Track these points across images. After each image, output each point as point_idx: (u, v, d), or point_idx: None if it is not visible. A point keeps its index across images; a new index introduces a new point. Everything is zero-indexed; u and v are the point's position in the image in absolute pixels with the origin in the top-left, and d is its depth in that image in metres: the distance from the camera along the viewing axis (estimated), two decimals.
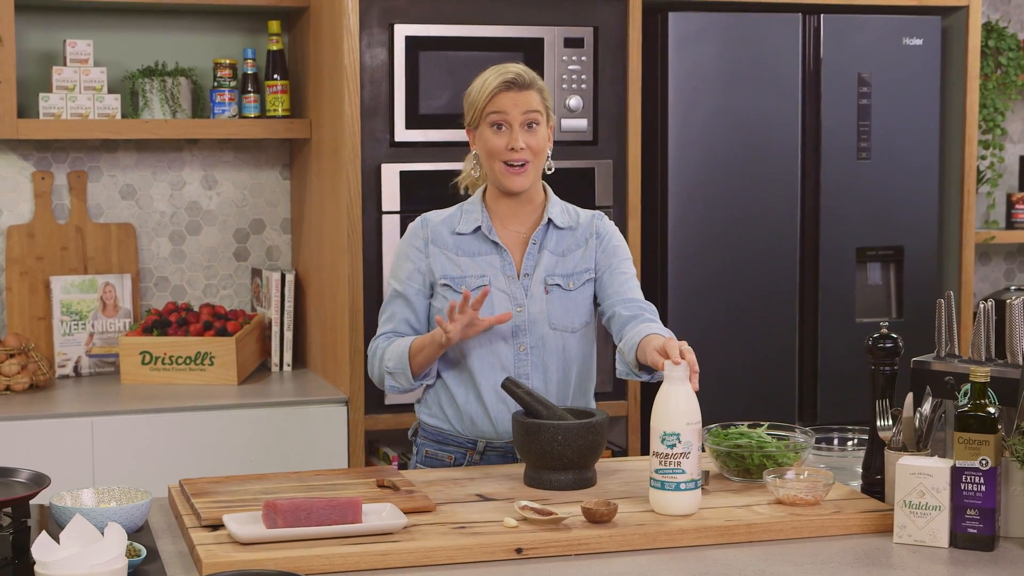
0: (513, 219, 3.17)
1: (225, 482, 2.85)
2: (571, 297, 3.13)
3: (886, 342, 2.76)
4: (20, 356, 4.22)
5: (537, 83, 3.11)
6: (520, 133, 3.06)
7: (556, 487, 2.83)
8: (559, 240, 3.16)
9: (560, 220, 3.17)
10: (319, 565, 2.40)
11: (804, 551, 2.52)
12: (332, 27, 4.15)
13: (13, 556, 2.43)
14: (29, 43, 4.43)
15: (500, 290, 3.11)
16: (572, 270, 3.14)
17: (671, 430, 2.62)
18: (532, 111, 3.07)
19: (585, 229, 3.19)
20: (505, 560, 2.47)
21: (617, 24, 4.29)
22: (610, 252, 3.18)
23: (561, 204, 3.21)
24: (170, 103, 4.42)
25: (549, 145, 3.15)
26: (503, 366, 3.11)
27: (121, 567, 2.19)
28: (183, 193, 4.67)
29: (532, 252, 3.14)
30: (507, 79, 3.08)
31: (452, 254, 3.14)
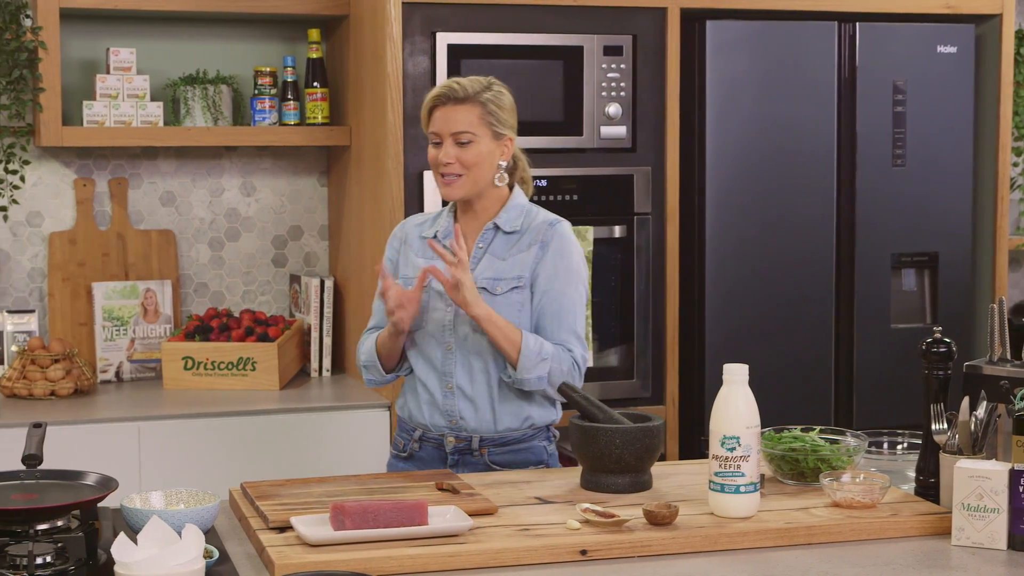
0: (468, 224, 3.24)
1: (287, 485, 2.88)
2: (496, 301, 3.15)
3: (940, 346, 2.79)
4: (64, 361, 4.25)
5: (480, 96, 3.15)
6: (450, 147, 3.13)
7: (613, 490, 2.86)
8: (504, 244, 3.21)
9: (508, 225, 3.20)
10: (388, 566, 2.43)
11: (864, 553, 2.55)
12: (374, 35, 4.19)
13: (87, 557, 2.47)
14: (73, 51, 4.47)
15: (436, 291, 3.18)
16: (505, 274, 3.18)
17: (731, 433, 2.65)
18: (460, 131, 3.12)
19: (532, 235, 3.20)
20: (570, 562, 2.51)
21: (656, 32, 4.33)
22: (550, 275, 3.18)
23: (521, 208, 3.24)
24: (211, 111, 4.46)
25: (504, 157, 3.19)
26: (432, 363, 3.21)
27: (199, 568, 2.23)
28: (222, 200, 4.71)
29: (476, 256, 3.21)
30: (439, 93, 3.16)
31: (415, 255, 3.26)
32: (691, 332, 4.45)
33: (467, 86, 3.16)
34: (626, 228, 4.33)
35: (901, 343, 4.54)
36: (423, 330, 3.20)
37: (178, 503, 2.64)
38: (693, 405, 4.45)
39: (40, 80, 4.22)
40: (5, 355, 4.47)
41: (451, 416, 3.20)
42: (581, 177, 4.29)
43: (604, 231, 4.29)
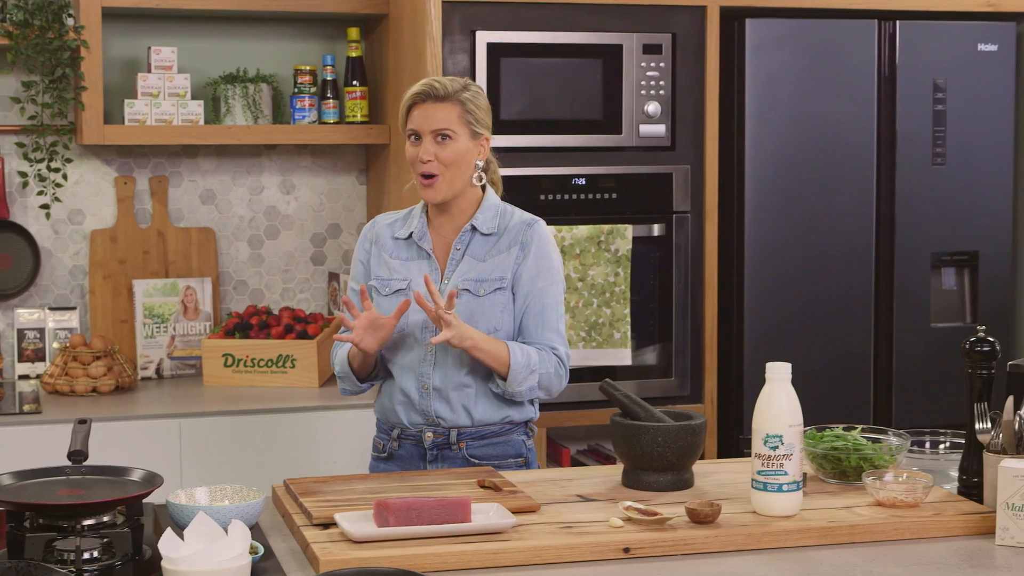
0: (444, 226, 3.24)
1: (330, 482, 2.90)
2: (479, 303, 3.16)
3: (983, 345, 2.78)
4: (106, 358, 4.28)
5: (459, 95, 3.15)
6: (429, 144, 3.13)
7: (655, 488, 2.87)
8: (482, 245, 3.20)
9: (486, 227, 3.20)
10: (432, 563, 2.44)
11: (908, 552, 2.54)
12: (413, 34, 4.20)
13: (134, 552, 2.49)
14: (114, 50, 4.50)
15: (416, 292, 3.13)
16: (486, 276, 3.17)
17: (774, 432, 2.65)
18: (440, 128, 3.12)
19: (511, 235, 3.21)
20: (613, 559, 2.51)
21: (695, 30, 4.33)
22: (532, 275, 3.19)
23: (496, 209, 3.24)
24: (252, 109, 4.48)
25: (480, 157, 3.20)
26: (410, 363, 3.20)
27: (245, 564, 2.24)
28: (261, 198, 4.73)
29: (455, 258, 3.20)
30: (419, 91, 3.15)
31: (388, 256, 3.25)
32: (730, 330, 4.44)
33: (447, 85, 3.15)
34: (665, 226, 4.33)
35: (941, 342, 4.53)
36: (403, 332, 3.19)
37: (223, 499, 2.66)
38: (732, 404, 4.45)
39: (82, 79, 4.24)
40: (47, 352, 4.50)
41: (427, 415, 3.20)
42: (620, 176, 4.29)
43: (643, 229, 4.29)
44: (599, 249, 4.20)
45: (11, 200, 4.49)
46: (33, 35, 4.21)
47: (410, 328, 3.18)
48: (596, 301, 4.21)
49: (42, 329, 4.51)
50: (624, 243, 4.22)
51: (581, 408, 4.32)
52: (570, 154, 4.27)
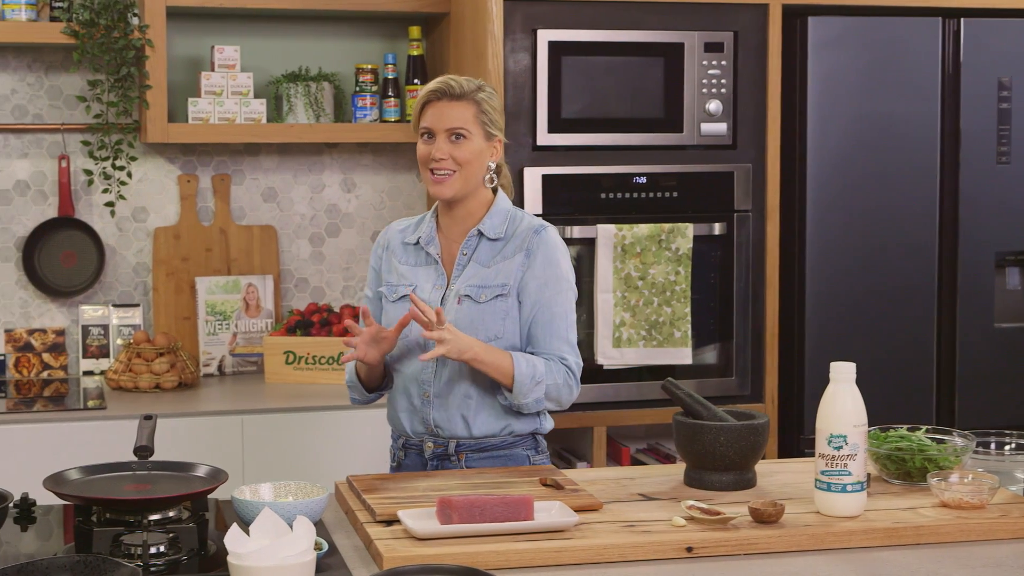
0: (452, 230, 3.20)
1: (392, 479, 2.91)
2: (480, 309, 3.11)
3: None
4: (169, 355, 4.32)
5: (475, 95, 3.11)
6: (443, 143, 3.09)
7: (717, 487, 2.86)
8: (488, 251, 3.15)
9: (493, 231, 3.15)
10: (494, 561, 2.44)
11: (974, 554, 2.53)
12: (475, 32, 4.21)
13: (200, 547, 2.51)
14: (178, 49, 4.53)
15: (422, 299, 3.10)
16: (489, 282, 3.12)
17: (838, 432, 2.64)
18: (455, 127, 3.08)
19: (517, 241, 3.15)
20: (676, 559, 2.51)
21: (757, 28, 4.31)
22: (540, 283, 3.12)
23: (505, 214, 3.18)
24: (313, 107, 4.51)
25: (494, 158, 3.15)
26: (413, 372, 3.15)
27: (310, 560, 2.25)
28: (323, 196, 4.76)
29: (461, 263, 3.16)
30: (435, 89, 3.12)
31: (398, 262, 3.21)
32: (791, 330, 4.43)
33: (463, 84, 3.12)
34: (726, 225, 4.31)
35: (1005, 342, 4.49)
36: (407, 339, 3.14)
37: (287, 495, 2.67)
38: (792, 403, 4.43)
39: (147, 78, 4.28)
40: (111, 349, 4.55)
41: (427, 424, 3.15)
42: (681, 174, 4.29)
43: (704, 228, 4.28)
44: (660, 248, 4.20)
45: (76, 198, 4.53)
46: (99, 34, 4.26)
47: (414, 336, 3.13)
48: (656, 300, 4.21)
49: (106, 326, 4.56)
50: (685, 242, 4.21)
51: (641, 407, 4.32)
52: (631, 153, 4.27)
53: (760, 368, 4.40)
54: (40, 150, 4.51)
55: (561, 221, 4.18)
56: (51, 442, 3.93)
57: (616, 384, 4.28)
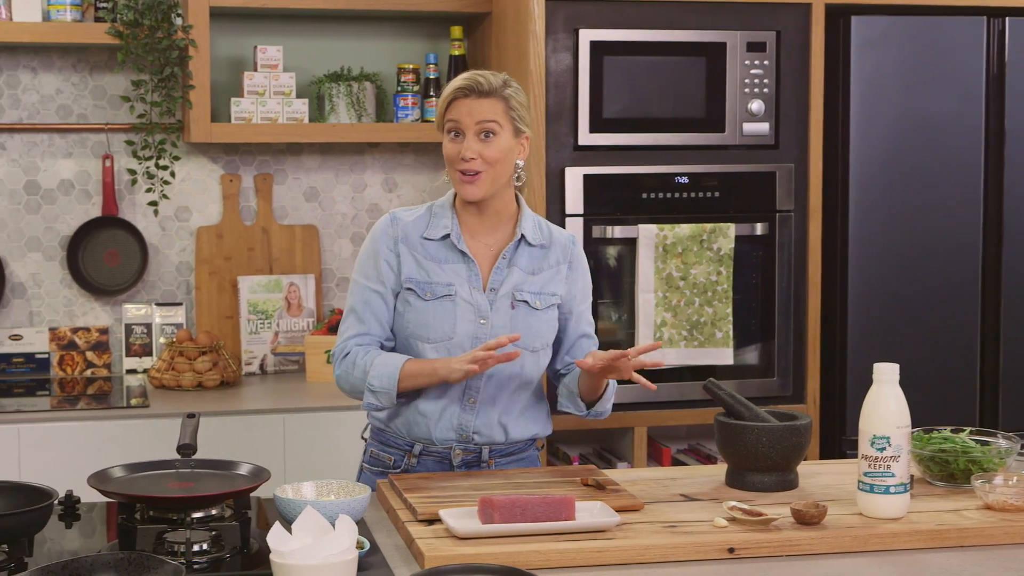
0: (482, 230, 3.09)
1: (433, 478, 2.92)
2: (537, 316, 3.06)
3: None
4: (211, 354, 4.34)
5: (503, 91, 3.02)
6: (472, 142, 2.98)
7: (759, 488, 2.85)
8: (530, 258, 3.09)
9: (532, 238, 3.09)
10: (536, 561, 2.44)
11: (1018, 557, 2.51)
12: (517, 32, 4.21)
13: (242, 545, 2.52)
14: (221, 49, 4.56)
15: (465, 300, 3.03)
16: (541, 289, 3.07)
17: (881, 433, 2.62)
18: (486, 121, 2.98)
19: (558, 252, 3.12)
20: (717, 559, 2.50)
21: (800, 28, 4.30)
22: (579, 294, 3.15)
23: (534, 219, 3.13)
24: (355, 107, 4.52)
25: (522, 156, 3.06)
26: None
27: (353, 558, 2.26)
28: (364, 196, 4.77)
29: (501, 267, 3.07)
30: (463, 85, 3.01)
31: (420, 257, 3.06)
32: (832, 330, 4.41)
33: (491, 79, 3.02)
34: (768, 225, 4.30)
35: None
36: (451, 341, 3.02)
37: (329, 494, 2.68)
38: (834, 404, 4.41)
39: (190, 77, 4.31)
40: (154, 347, 4.57)
41: (463, 431, 3.06)
42: (723, 174, 4.27)
43: (746, 228, 4.26)
44: (701, 248, 4.19)
45: (120, 197, 4.56)
46: (143, 35, 4.28)
47: (459, 338, 3.03)
48: (698, 300, 4.20)
49: (149, 324, 4.58)
50: (727, 242, 4.20)
51: (681, 407, 4.31)
52: (673, 153, 4.26)
53: (802, 369, 4.38)
54: (84, 150, 4.54)
55: (602, 221, 4.18)
56: (94, 440, 3.96)
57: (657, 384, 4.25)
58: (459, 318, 3.02)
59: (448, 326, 3.02)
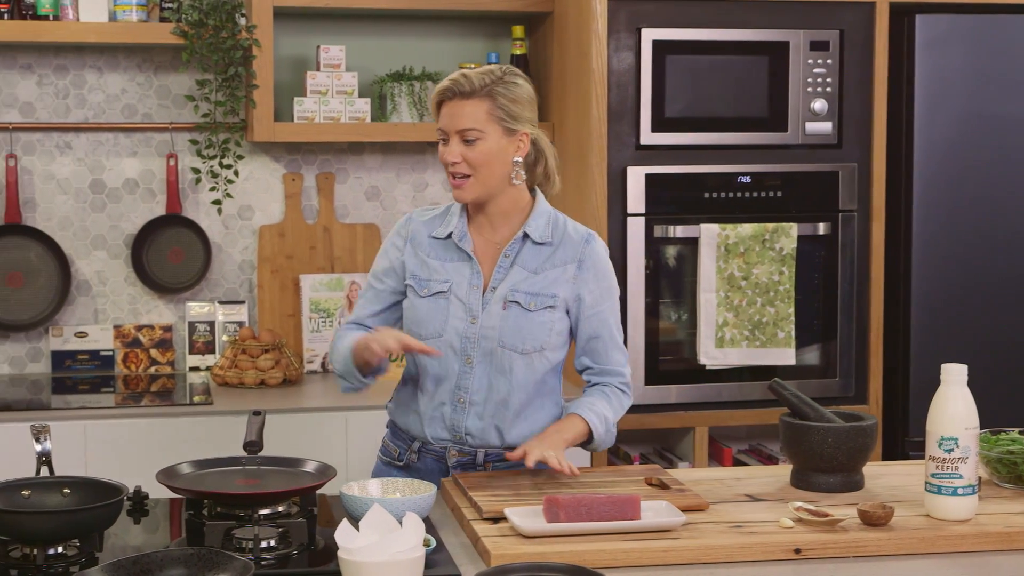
0: (489, 228, 3.04)
1: (497, 476, 2.92)
2: (529, 318, 2.98)
3: None
4: (274, 352, 4.37)
5: (489, 89, 2.93)
6: (456, 146, 2.93)
7: (824, 489, 2.84)
8: (535, 256, 3.01)
9: (539, 235, 3.00)
10: (601, 559, 2.45)
11: None
12: (579, 32, 4.21)
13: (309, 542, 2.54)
14: (284, 49, 4.58)
15: (458, 299, 3.00)
16: (539, 290, 2.99)
17: (949, 434, 2.61)
18: (465, 129, 2.91)
19: (568, 251, 3.02)
20: (784, 560, 2.50)
21: (863, 27, 4.28)
22: (598, 297, 3.03)
23: (548, 216, 3.04)
24: (417, 107, 4.53)
25: (520, 153, 2.97)
26: (446, 375, 3.02)
27: (420, 556, 2.27)
28: (425, 195, 4.78)
29: (503, 265, 3.01)
30: (445, 87, 2.95)
31: (425, 255, 3.05)
32: (895, 330, 4.38)
33: (474, 79, 2.92)
34: (830, 225, 4.28)
35: None
36: (440, 339, 3.00)
37: (395, 492, 2.69)
38: (897, 405, 4.39)
39: (254, 77, 4.33)
40: (216, 344, 4.60)
41: (456, 432, 3.03)
42: (785, 173, 4.26)
43: (808, 228, 4.25)
44: (763, 248, 4.17)
45: (183, 196, 4.60)
46: (207, 34, 4.31)
47: (448, 336, 3.00)
48: (760, 300, 4.18)
49: (212, 322, 4.62)
50: (789, 242, 4.18)
51: (742, 407, 4.30)
52: (735, 152, 4.25)
53: (864, 369, 4.36)
54: (149, 149, 4.58)
55: (664, 221, 4.18)
56: (158, 436, 3.99)
57: (718, 384, 4.26)
58: (451, 316, 3.00)
59: (439, 323, 3.01)
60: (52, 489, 2.59)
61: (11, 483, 2.58)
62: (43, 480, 2.62)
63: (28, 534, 2.40)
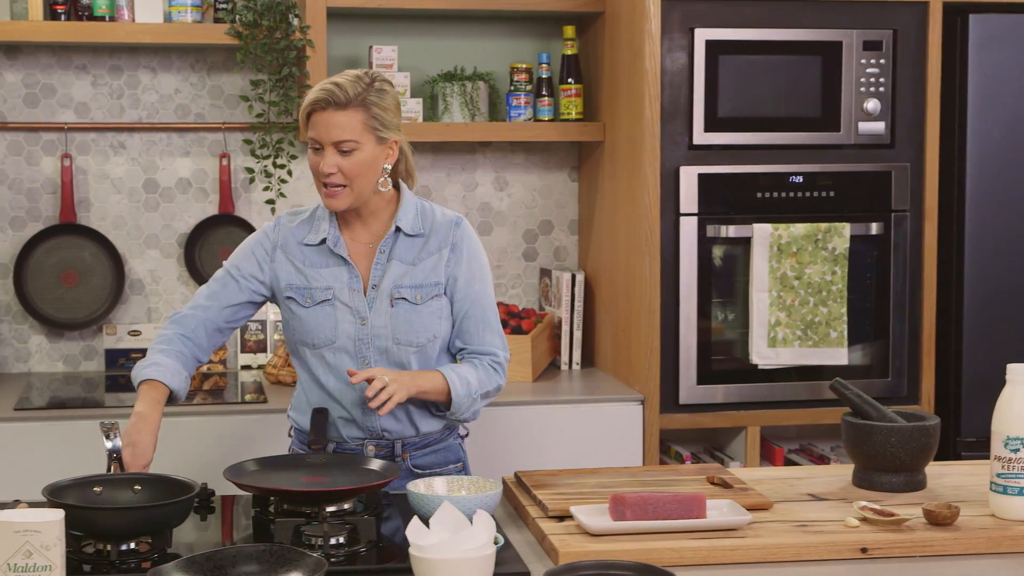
0: (360, 230, 3.08)
1: (559, 475, 2.94)
2: (418, 311, 3.03)
3: None
4: None
5: (363, 98, 2.94)
6: (332, 156, 2.94)
7: (887, 489, 2.85)
8: (409, 248, 3.05)
9: (410, 227, 3.05)
10: (669, 558, 2.45)
11: None
12: (631, 32, 4.22)
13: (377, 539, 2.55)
14: (336, 49, 4.60)
15: (344, 304, 3.02)
16: (421, 282, 3.04)
17: (1015, 434, 2.61)
18: (342, 140, 2.92)
19: (439, 237, 3.07)
20: (850, 559, 2.50)
21: (916, 26, 4.27)
22: (469, 278, 3.07)
23: (416, 207, 3.08)
24: (469, 107, 4.55)
25: (389, 160, 3.00)
26: (345, 388, 3.03)
27: (491, 553, 2.28)
28: (475, 195, 4.80)
29: (380, 262, 3.04)
30: (320, 98, 2.93)
31: (299, 263, 3.06)
32: (947, 331, 4.37)
33: (348, 89, 2.93)
34: (883, 225, 4.28)
35: None
36: (333, 346, 3.03)
37: (460, 489, 2.71)
38: (949, 405, 4.38)
39: (307, 77, 4.35)
40: (268, 343, 4.63)
41: (372, 430, 3.06)
42: (838, 173, 4.26)
43: (860, 228, 4.24)
44: (816, 248, 4.17)
45: (236, 195, 4.62)
46: (261, 35, 4.33)
47: (341, 341, 3.03)
48: (812, 300, 4.18)
49: (263, 321, 4.64)
50: (842, 241, 4.18)
51: (793, 407, 4.30)
52: (787, 152, 4.25)
53: (916, 369, 4.35)
54: (202, 148, 4.61)
55: (716, 220, 4.18)
56: (213, 434, 4.01)
57: (770, 384, 4.26)
58: (340, 321, 3.02)
59: (329, 330, 3.03)
60: (123, 486, 2.62)
61: (83, 480, 2.60)
62: (114, 477, 2.65)
63: (102, 530, 2.43)
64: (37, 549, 2.17)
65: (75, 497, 2.53)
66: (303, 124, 2.99)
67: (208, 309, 3.10)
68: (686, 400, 4.21)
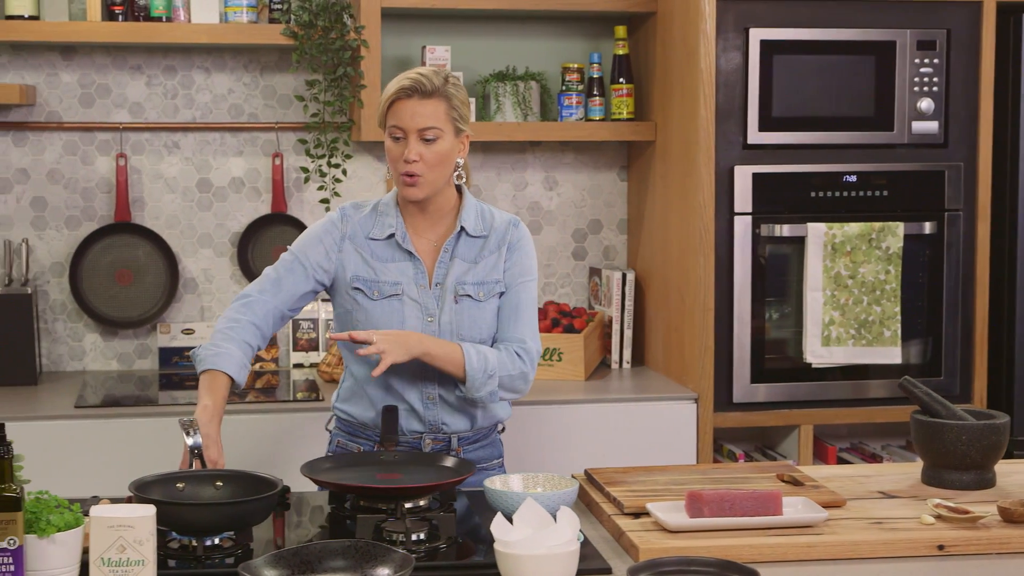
0: (425, 226, 3.11)
1: (630, 472, 2.96)
2: (480, 308, 3.08)
3: None
4: None
5: (444, 90, 3.00)
6: (415, 145, 2.98)
7: (957, 486, 2.86)
8: (470, 247, 3.11)
9: (473, 228, 3.10)
10: (746, 554, 2.47)
11: None
12: (685, 32, 4.23)
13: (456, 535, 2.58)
14: (390, 50, 4.63)
15: (412, 299, 3.06)
16: (483, 279, 3.09)
17: None
18: (427, 127, 2.97)
19: (499, 236, 3.13)
20: (927, 556, 2.51)
21: (970, 26, 4.28)
22: (515, 273, 3.12)
23: (476, 209, 3.14)
24: (521, 106, 4.57)
25: (462, 154, 3.07)
26: (409, 372, 3.05)
27: (575, 549, 2.30)
28: (525, 194, 4.82)
29: (444, 260, 3.09)
30: (406, 85, 2.98)
31: (367, 256, 3.10)
32: (1000, 330, 4.38)
33: (433, 79, 2.99)
34: (936, 225, 4.28)
35: None
36: None
37: (536, 486, 2.73)
38: (1001, 404, 4.38)
39: (362, 77, 4.38)
40: (320, 341, 4.65)
41: (432, 424, 3.10)
42: (891, 173, 4.27)
43: (914, 227, 4.25)
44: (870, 247, 4.18)
45: (288, 195, 4.65)
46: (316, 35, 4.36)
47: None
48: (866, 299, 4.19)
49: (315, 320, 4.66)
50: (895, 241, 4.19)
51: (845, 406, 4.31)
52: (841, 151, 4.26)
53: (969, 368, 4.36)
54: (255, 148, 4.64)
55: (771, 219, 4.19)
56: (265, 431, 4.02)
57: (823, 383, 4.27)
58: (407, 316, 3.06)
59: (396, 324, 3.05)
60: (205, 482, 2.64)
61: (166, 476, 2.63)
62: (196, 473, 2.67)
63: (188, 526, 2.46)
64: (131, 544, 2.20)
65: (160, 493, 2.56)
66: (383, 114, 3.02)
67: (276, 295, 3.12)
68: (740, 399, 4.23)
